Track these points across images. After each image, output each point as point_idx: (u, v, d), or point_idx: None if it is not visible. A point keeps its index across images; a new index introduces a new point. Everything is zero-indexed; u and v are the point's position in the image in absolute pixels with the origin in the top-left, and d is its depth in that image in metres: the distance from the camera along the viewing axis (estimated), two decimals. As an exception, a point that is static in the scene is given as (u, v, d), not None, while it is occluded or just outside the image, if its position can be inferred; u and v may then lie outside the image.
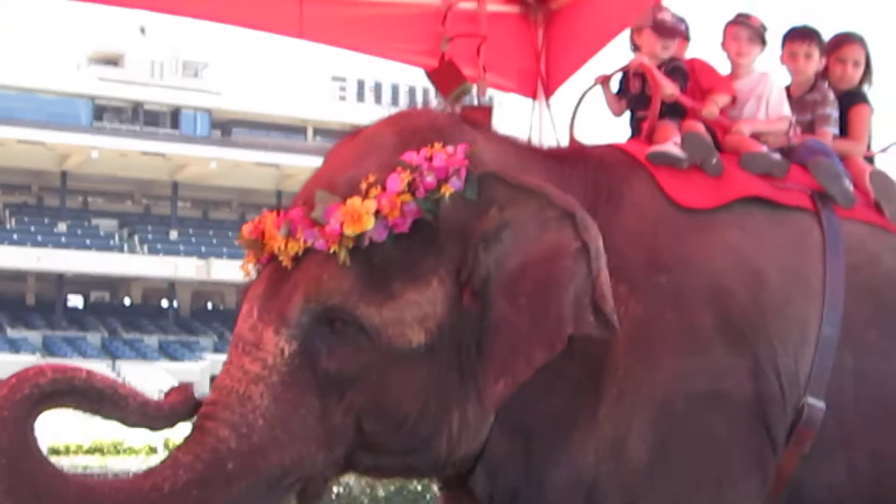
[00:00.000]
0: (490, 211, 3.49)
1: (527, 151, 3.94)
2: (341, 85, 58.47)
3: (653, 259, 3.77)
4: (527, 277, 3.46)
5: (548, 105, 5.01)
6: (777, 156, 4.31)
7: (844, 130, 4.72)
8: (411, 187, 3.44)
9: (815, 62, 4.72)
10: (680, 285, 3.75)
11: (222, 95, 55.53)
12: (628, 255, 3.74)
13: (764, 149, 4.37)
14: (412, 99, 53.79)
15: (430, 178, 3.45)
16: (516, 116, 5.15)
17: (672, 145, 4.17)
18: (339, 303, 3.39)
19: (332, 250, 3.40)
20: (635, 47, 4.81)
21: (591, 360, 3.65)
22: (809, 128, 4.67)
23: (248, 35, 6.17)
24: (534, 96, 6.10)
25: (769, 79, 4.69)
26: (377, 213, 3.40)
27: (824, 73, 4.80)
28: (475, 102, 5.92)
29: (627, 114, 4.65)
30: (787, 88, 4.79)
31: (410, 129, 3.64)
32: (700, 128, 4.34)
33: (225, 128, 56.40)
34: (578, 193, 3.78)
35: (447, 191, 3.45)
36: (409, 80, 52.80)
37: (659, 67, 4.58)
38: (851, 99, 4.79)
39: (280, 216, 3.54)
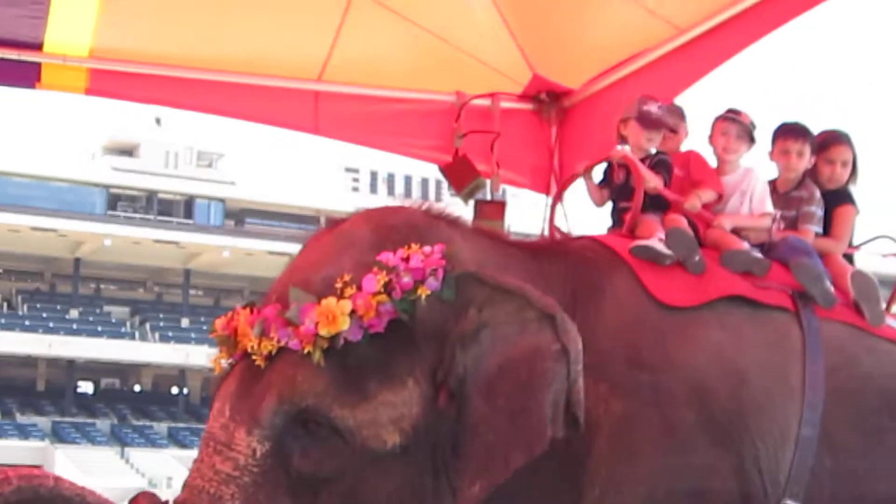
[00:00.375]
0: (468, 311, 3.47)
1: (507, 248, 3.90)
2: (354, 176, 58.83)
3: (634, 357, 3.76)
4: (506, 379, 3.41)
5: (561, 201, 5.04)
6: (758, 254, 4.28)
7: (828, 228, 4.68)
8: (387, 288, 3.43)
9: (806, 160, 4.73)
10: (661, 384, 3.72)
11: (236, 185, 55.87)
12: (609, 354, 3.73)
13: (745, 245, 4.34)
14: (425, 190, 54.05)
15: (406, 279, 3.43)
16: (530, 212, 4.93)
17: (656, 241, 4.14)
18: (313, 404, 3.36)
19: (306, 350, 3.36)
20: (622, 138, 4.77)
21: (572, 459, 3.61)
22: (793, 224, 4.64)
23: (262, 127, 6.22)
24: (547, 192, 6.18)
25: (754, 174, 4.68)
26: (352, 313, 3.38)
27: (812, 171, 4.79)
28: (489, 197, 6.03)
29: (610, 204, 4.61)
30: (773, 182, 4.77)
31: (387, 227, 3.61)
32: (682, 222, 4.32)
33: (238, 217, 56.62)
34: (559, 290, 3.76)
35: (423, 292, 3.43)
36: (422, 172, 53.02)
37: (644, 160, 4.56)
38: (838, 198, 4.78)
39: (254, 313, 3.52)
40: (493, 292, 3.48)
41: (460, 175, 5.99)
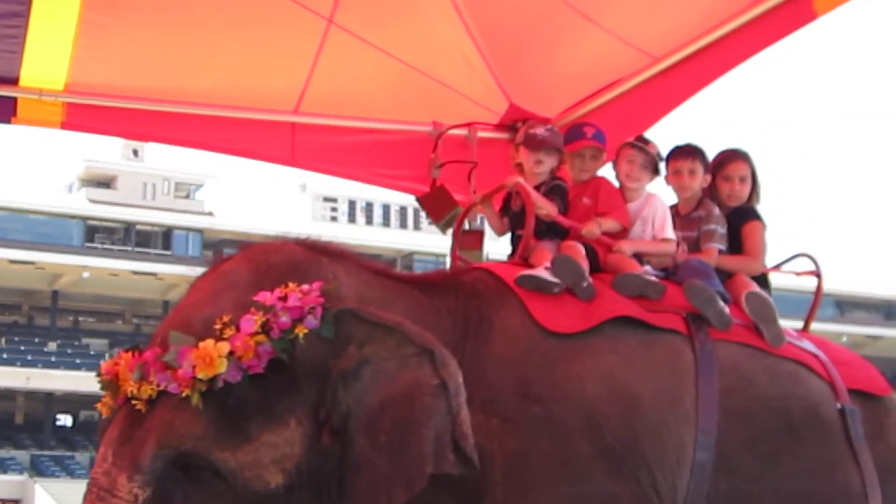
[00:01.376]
0: (348, 348, 3.48)
1: (393, 283, 3.91)
2: (332, 205, 58.72)
3: (525, 389, 3.75)
4: (386, 415, 3.41)
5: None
6: (652, 277, 4.27)
7: (739, 248, 4.70)
8: (265, 328, 3.42)
9: (700, 178, 4.78)
10: (553, 415, 3.72)
11: (214, 216, 55.74)
12: (499, 387, 3.73)
13: (647, 269, 4.37)
14: (403, 219, 53.99)
15: (284, 318, 3.43)
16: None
17: (543, 270, 4.12)
18: (193, 447, 3.35)
19: (184, 394, 3.35)
20: (518, 166, 4.82)
21: (471, 494, 3.60)
22: (696, 245, 4.66)
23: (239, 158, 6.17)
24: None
25: (656, 201, 4.71)
26: (230, 354, 3.37)
27: (711, 191, 4.85)
28: (466, 227, 5.91)
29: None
30: (675, 207, 4.82)
31: (266, 266, 3.63)
32: (578, 249, 4.32)
33: (216, 248, 56.30)
34: (448, 325, 3.78)
35: (301, 331, 3.43)
36: (401, 200, 52.99)
37: (540, 186, 4.56)
38: (743, 216, 4.81)
39: (135, 357, 3.50)
40: (373, 329, 3.48)
41: (438, 205, 5.97)
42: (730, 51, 5.35)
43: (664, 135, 5.08)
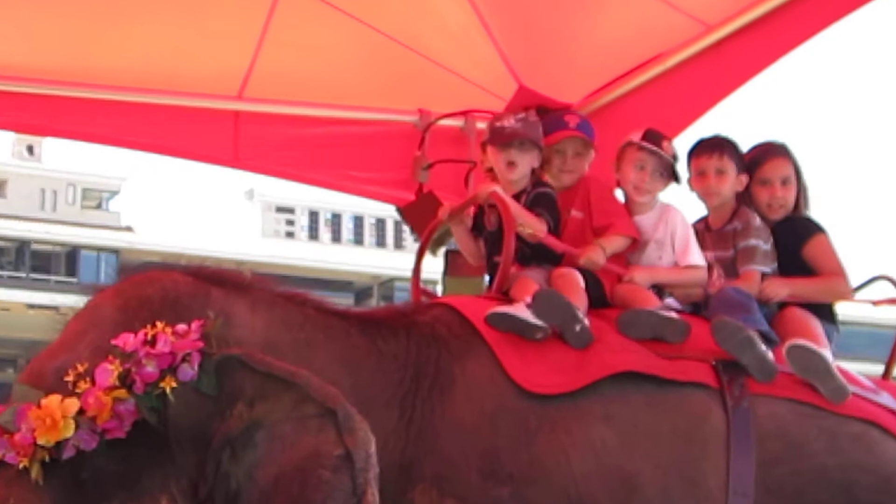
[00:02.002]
0: (236, 407, 3.45)
1: (323, 319, 3.88)
2: (288, 217, 58.64)
3: (491, 465, 3.75)
4: (279, 495, 3.36)
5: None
6: (671, 314, 4.23)
7: (801, 272, 4.63)
8: (125, 380, 3.38)
9: (731, 180, 4.71)
10: (527, 499, 3.71)
11: (134, 232, 55.71)
12: (458, 461, 3.73)
13: (668, 302, 4.37)
14: (381, 234, 53.90)
15: (149, 368, 3.39)
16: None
17: (522, 307, 4.05)
18: None
19: (22, 465, 3.31)
20: (490, 172, 4.79)
21: None
22: (733, 267, 4.62)
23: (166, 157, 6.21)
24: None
25: (673, 216, 4.68)
26: (82, 413, 3.33)
27: (748, 196, 4.79)
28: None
29: None
30: (705, 220, 4.78)
31: (137, 301, 3.63)
32: (573, 279, 4.28)
33: (136, 273, 56.29)
34: (392, 375, 3.78)
35: (170, 384, 3.39)
36: (377, 211, 52.89)
37: (520, 195, 4.52)
38: (799, 230, 4.73)
39: None
40: (266, 381, 3.45)
41: (425, 217, 5.74)
42: (802, 19, 5.36)
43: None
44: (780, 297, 4.58)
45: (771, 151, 4.86)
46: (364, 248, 53.06)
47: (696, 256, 4.59)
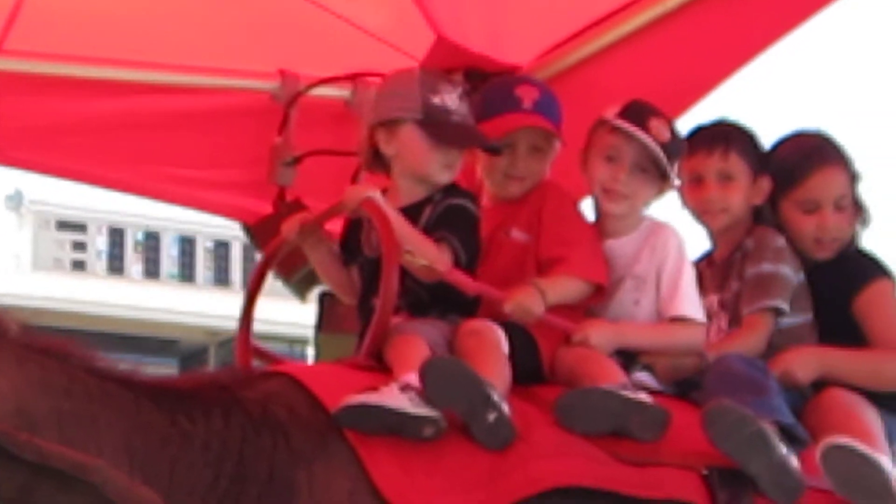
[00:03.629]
0: None
1: (97, 383, 3.31)
2: (74, 237, 56.83)
3: None
4: None
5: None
6: (640, 395, 3.61)
7: (849, 334, 3.99)
8: None
9: (744, 189, 4.10)
10: None
11: None
12: None
13: (639, 376, 3.77)
14: (222, 266, 52.22)
15: None
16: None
17: (395, 391, 3.41)
18: None
19: None
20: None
21: None
22: (736, 315, 4.05)
23: None
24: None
25: (667, 239, 4.03)
26: None
27: (771, 217, 4.14)
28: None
29: None
30: (712, 256, 4.21)
31: None
32: (490, 339, 3.67)
33: None
34: (202, 471, 3.27)
35: None
36: (216, 230, 50.92)
37: (422, 205, 3.86)
38: (852, 270, 4.07)
39: None
40: (37, 477, 3.10)
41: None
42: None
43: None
44: (805, 377, 3.88)
45: (817, 156, 4.06)
46: (196, 287, 49.26)
47: (690, 305, 3.91)
